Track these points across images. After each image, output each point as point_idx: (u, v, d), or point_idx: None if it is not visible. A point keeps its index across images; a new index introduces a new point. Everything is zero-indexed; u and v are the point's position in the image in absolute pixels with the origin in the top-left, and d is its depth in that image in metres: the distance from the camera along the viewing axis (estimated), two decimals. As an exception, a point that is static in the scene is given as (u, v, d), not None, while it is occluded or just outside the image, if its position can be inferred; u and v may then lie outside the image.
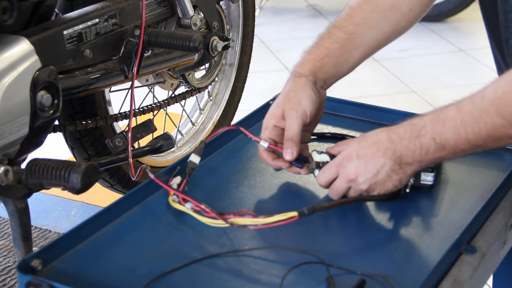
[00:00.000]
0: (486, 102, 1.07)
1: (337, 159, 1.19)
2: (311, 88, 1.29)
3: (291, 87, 1.29)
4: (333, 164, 1.19)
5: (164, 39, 1.68)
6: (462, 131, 1.09)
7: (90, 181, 1.29)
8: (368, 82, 3.44)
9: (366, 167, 1.15)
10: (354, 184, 1.17)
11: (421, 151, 1.13)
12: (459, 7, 4.09)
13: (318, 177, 1.21)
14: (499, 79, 1.09)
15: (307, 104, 1.27)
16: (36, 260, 1.04)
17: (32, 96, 1.38)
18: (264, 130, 1.27)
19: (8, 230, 2.15)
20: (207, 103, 2.35)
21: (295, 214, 1.10)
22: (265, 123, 1.28)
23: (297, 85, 1.29)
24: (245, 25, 2.31)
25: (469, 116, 1.09)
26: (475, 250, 1.10)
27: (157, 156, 2.14)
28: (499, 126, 1.07)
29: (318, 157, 1.23)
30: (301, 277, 1.04)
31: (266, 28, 4.13)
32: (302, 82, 1.29)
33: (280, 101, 1.28)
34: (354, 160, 1.16)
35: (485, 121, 1.07)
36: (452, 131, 1.10)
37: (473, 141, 1.09)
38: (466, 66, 3.67)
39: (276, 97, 1.32)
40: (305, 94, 1.27)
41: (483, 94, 1.08)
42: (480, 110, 1.08)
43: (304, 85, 1.29)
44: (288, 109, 1.26)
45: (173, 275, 1.04)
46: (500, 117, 1.06)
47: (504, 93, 1.06)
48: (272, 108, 1.28)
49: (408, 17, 1.38)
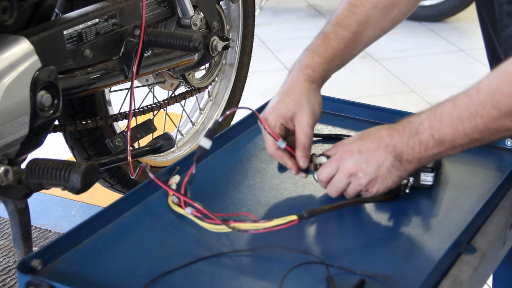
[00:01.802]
0: (481, 95, 1.09)
1: (338, 154, 1.19)
2: (319, 94, 1.29)
3: (303, 91, 1.27)
4: (334, 159, 1.19)
5: (164, 39, 1.68)
6: (460, 125, 1.10)
7: (90, 181, 1.29)
8: (368, 82, 3.44)
9: (368, 161, 1.16)
10: (354, 179, 1.17)
11: (420, 147, 1.14)
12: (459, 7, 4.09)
13: (319, 173, 1.21)
14: (494, 72, 1.10)
15: (318, 113, 1.27)
16: (36, 260, 1.04)
17: (32, 96, 1.38)
18: (273, 127, 1.25)
19: (8, 230, 2.15)
20: (207, 103, 2.35)
21: (295, 218, 1.11)
22: (273, 121, 1.25)
23: (310, 90, 1.27)
24: (245, 25, 2.31)
25: (466, 110, 1.10)
26: (475, 250, 1.10)
27: (157, 156, 2.14)
28: (496, 118, 1.08)
29: (317, 159, 1.23)
30: (301, 277, 1.04)
31: (266, 28, 4.13)
32: (314, 88, 1.28)
33: (290, 103, 1.26)
34: (355, 154, 1.16)
35: (482, 114, 1.08)
36: (449, 126, 1.11)
37: (471, 134, 1.10)
38: (466, 66, 3.67)
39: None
40: (317, 103, 1.27)
41: (478, 87, 1.10)
42: (476, 103, 1.09)
43: (316, 92, 1.28)
44: (301, 115, 1.25)
45: (173, 275, 1.04)
46: (496, 109, 1.07)
47: (499, 85, 1.07)
48: (280, 108, 1.26)
49: (403, 12, 1.39)
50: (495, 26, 1.41)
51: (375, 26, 1.36)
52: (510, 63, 1.08)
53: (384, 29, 1.39)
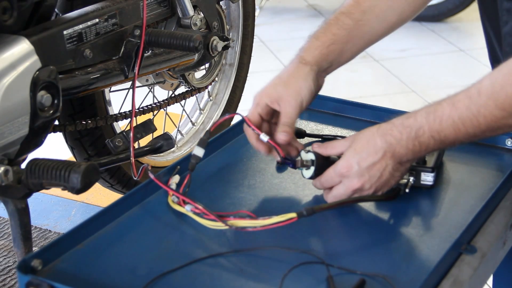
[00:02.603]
0: (483, 97, 1.08)
1: (337, 169, 1.17)
2: (312, 79, 1.28)
3: (294, 72, 1.28)
4: (334, 174, 1.18)
5: (164, 39, 1.68)
6: (461, 126, 1.10)
7: (90, 181, 1.29)
8: (368, 82, 3.44)
9: (370, 172, 1.15)
10: (360, 192, 1.17)
11: (421, 148, 1.14)
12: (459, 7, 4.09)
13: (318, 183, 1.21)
14: (495, 72, 1.10)
15: (306, 95, 1.27)
16: (36, 260, 1.04)
17: (32, 96, 1.38)
18: (255, 105, 1.26)
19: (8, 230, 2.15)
20: (207, 103, 2.35)
21: (294, 216, 1.10)
22: (258, 99, 1.27)
23: (300, 73, 1.28)
24: (245, 25, 2.31)
25: (467, 112, 1.10)
26: (475, 250, 1.10)
27: (157, 156, 2.14)
28: (499, 118, 1.08)
29: (305, 155, 1.23)
30: (301, 277, 1.04)
31: (266, 28, 4.13)
32: (306, 71, 1.28)
33: (279, 84, 1.27)
34: (356, 168, 1.16)
35: (484, 115, 1.08)
36: (451, 128, 1.11)
37: (473, 133, 1.11)
38: (466, 66, 3.67)
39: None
40: (306, 85, 1.27)
41: (479, 88, 1.09)
42: (478, 105, 1.09)
43: (307, 75, 1.28)
44: (286, 95, 1.25)
45: (173, 275, 1.04)
46: (500, 109, 1.07)
47: (502, 86, 1.07)
48: (268, 87, 1.27)
49: (412, 6, 1.38)
50: (497, 23, 1.41)
51: (380, 18, 1.35)
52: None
53: (390, 22, 1.37)
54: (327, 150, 1.21)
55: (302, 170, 1.24)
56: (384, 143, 1.15)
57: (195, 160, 1.25)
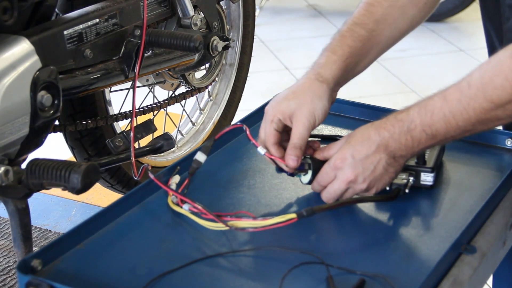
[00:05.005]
0: (473, 89, 1.09)
1: (331, 162, 1.18)
2: (327, 98, 1.25)
3: (309, 90, 1.24)
4: (329, 168, 1.18)
5: (164, 39, 1.68)
6: (452, 120, 1.11)
7: (91, 181, 1.29)
8: (368, 82, 3.44)
9: (363, 165, 1.16)
10: (353, 185, 1.17)
11: (413, 143, 1.15)
12: (459, 7, 4.09)
13: (315, 183, 1.21)
14: (484, 65, 1.10)
15: (319, 115, 1.23)
16: (36, 260, 1.04)
17: (32, 96, 1.38)
18: (270, 122, 1.23)
19: (8, 230, 2.15)
20: (207, 103, 2.35)
21: (294, 216, 1.10)
22: (272, 116, 1.23)
23: (316, 91, 1.24)
24: (245, 25, 2.31)
25: (458, 105, 1.10)
26: (475, 250, 1.10)
27: (157, 156, 2.14)
28: (488, 110, 1.09)
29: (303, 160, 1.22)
30: (301, 277, 1.04)
31: (266, 28, 4.13)
32: (323, 90, 1.25)
33: (293, 100, 1.23)
34: (350, 161, 1.16)
35: (474, 107, 1.09)
36: (441, 121, 1.12)
37: (463, 127, 1.11)
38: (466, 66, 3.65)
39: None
40: (321, 105, 1.23)
41: (469, 81, 1.10)
42: (468, 97, 1.09)
43: (323, 94, 1.24)
44: (300, 115, 1.22)
45: (173, 275, 1.04)
46: (488, 101, 1.08)
47: (491, 78, 1.08)
48: (281, 103, 1.24)
49: (423, 11, 1.37)
50: (498, 19, 1.41)
51: (393, 26, 1.34)
52: (500, 55, 1.09)
53: (402, 29, 1.36)
54: (323, 153, 1.21)
55: (300, 176, 1.24)
56: (377, 136, 1.15)
57: (196, 165, 1.25)
